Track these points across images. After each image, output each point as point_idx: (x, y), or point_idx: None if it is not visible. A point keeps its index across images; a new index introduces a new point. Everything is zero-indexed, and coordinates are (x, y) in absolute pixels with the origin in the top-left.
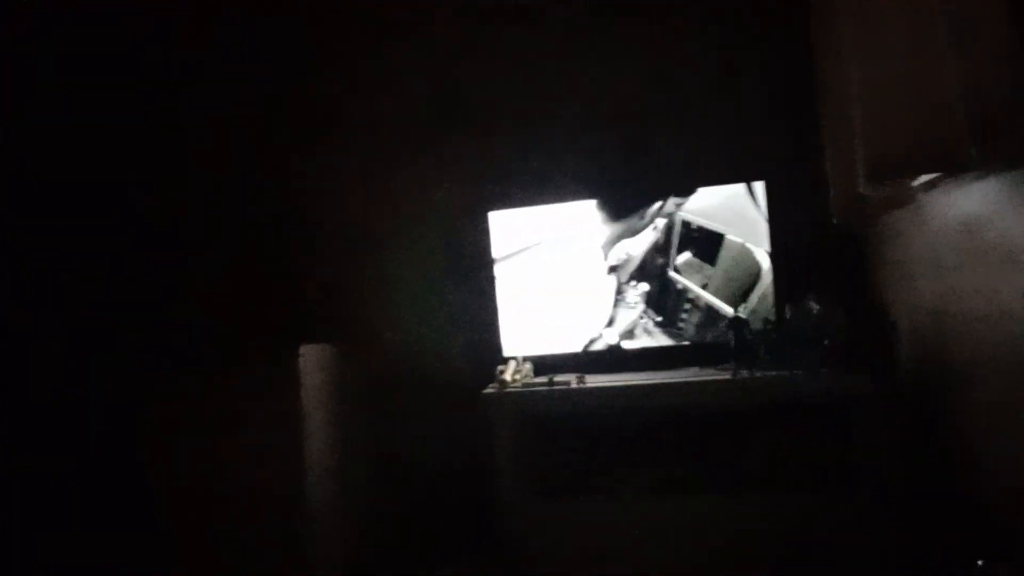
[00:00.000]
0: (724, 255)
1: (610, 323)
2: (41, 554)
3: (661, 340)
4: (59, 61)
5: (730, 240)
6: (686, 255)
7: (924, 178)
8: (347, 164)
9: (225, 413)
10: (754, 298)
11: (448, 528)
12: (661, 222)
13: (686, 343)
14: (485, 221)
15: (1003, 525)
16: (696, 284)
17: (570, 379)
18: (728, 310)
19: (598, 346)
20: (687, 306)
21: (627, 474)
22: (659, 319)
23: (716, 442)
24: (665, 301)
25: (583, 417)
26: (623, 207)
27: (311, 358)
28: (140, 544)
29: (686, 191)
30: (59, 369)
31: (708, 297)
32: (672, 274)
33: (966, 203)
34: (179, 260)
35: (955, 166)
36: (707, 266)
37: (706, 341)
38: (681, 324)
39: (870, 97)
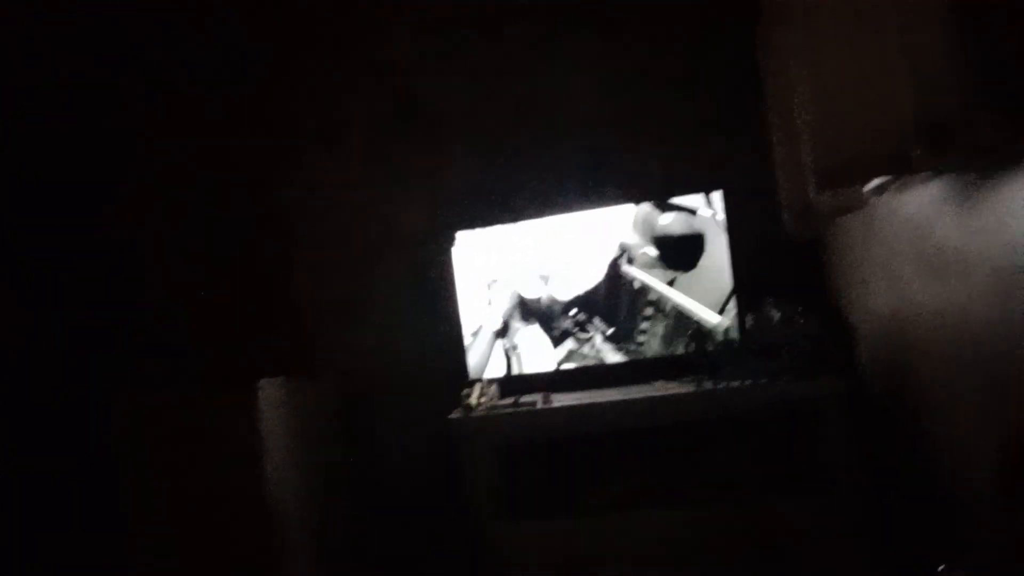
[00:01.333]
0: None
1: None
2: None
3: (612, 357)
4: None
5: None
6: (649, 248)
7: (874, 183)
8: (311, 185)
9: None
10: (730, 307)
11: (421, 549)
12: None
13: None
14: (449, 242)
15: (961, 526)
16: (660, 282)
17: (536, 399)
18: (711, 317)
19: (551, 367)
20: (648, 312)
21: (597, 490)
22: (610, 332)
23: (685, 454)
24: (617, 306)
25: (550, 436)
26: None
27: (271, 391)
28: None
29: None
30: (25, 378)
31: (678, 299)
32: (627, 268)
33: (915, 206)
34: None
35: (903, 168)
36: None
37: (671, 355)
38: (641, 338)
39: (816, 103)
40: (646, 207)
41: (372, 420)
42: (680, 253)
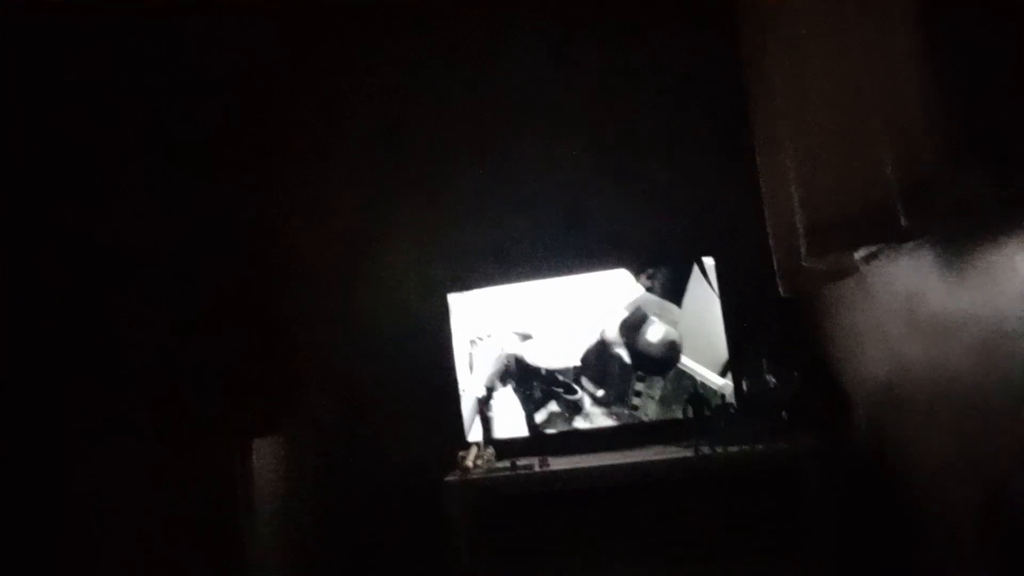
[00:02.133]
0: (692, 295)
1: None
2: None
3: (601, 421)
4: None
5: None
6: (640, 292)
7: (862, 252)
8: (299, 240)
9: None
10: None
11: None
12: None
13: (646, 420)
14: (443, 303)
15: None
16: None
17: (533, 462)
18: (715, 380)
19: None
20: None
21: (594, 552)
22: (599, 394)
23: (678, 514)
24: (608, 368)
25: (547, 499)
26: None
27: (263, 451)
28: None
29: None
30: None
31: (688, 364)
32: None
33: (906, 274)
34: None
35: (891, 236)
36: (671, 306)
37: (666, 419)
38: (636, 400)
39: (802, 168)
40: (638, 298)
41: (355, 474)
42: (654, 367)
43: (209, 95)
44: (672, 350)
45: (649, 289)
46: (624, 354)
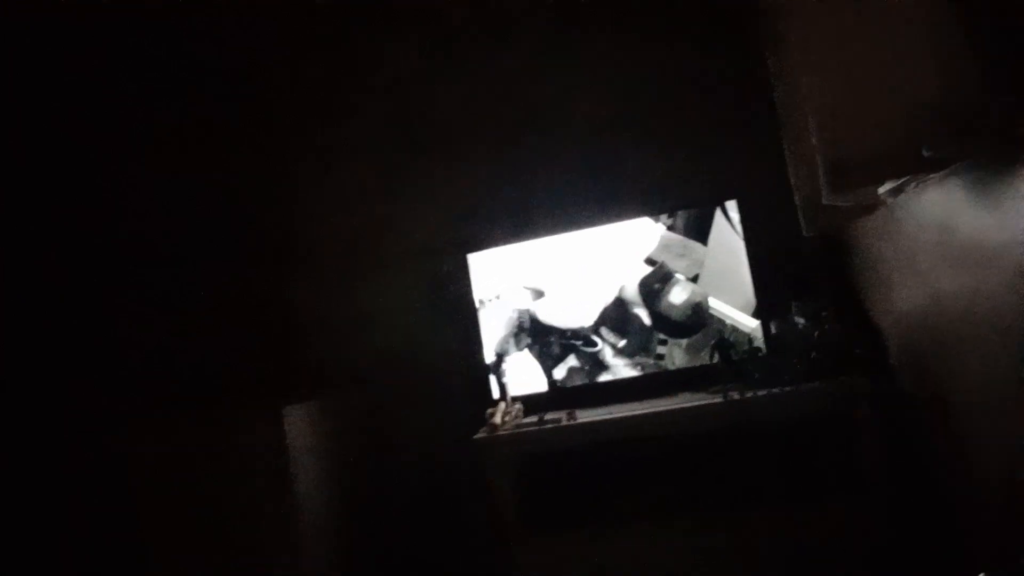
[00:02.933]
0: (716, 238)
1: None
2: None
3: (625, 372)
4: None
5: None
6: (662, 231)
7: (887, 185)
8: (321, 199)
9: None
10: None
11: (443, 564)
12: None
13: (671, 369)
14: (465, 262)
15: (995, 530)
16: (681, 272)
17: (560, 416)
18: (748, 322)
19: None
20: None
21: (623, 503)
22: (621, 344)
23: (712, 464)
24: (627, 322)
25: (576, 453)
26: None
27: (297, 414)
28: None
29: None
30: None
31: (718, 307)
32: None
33: (935, 204)
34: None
35: (918, 167)
36: (695, 245)
37: (693, 366)
38: (661, 349)
39: (823, 100)
40: (660, 240)
41: (392, 435)
42: (677, 331)
43: (223, 85)
44: (697, 313)
45: (670, 228)
46: (644, 315)
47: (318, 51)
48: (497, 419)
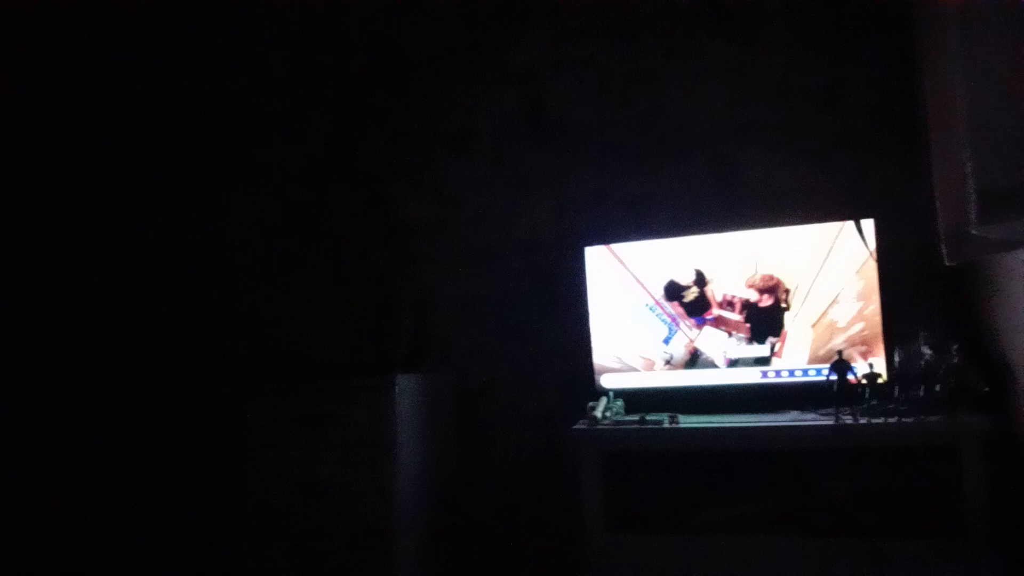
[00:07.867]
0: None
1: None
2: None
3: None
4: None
5: None
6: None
7: None
8: (438, 188)
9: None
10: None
11: (530, 551)
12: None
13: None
14: (580, 255)
15: None
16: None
17: (662, 418)
18: None
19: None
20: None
21: (710, 511)
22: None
23: (809, 485)
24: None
25: (671, 457)
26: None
27: (405, 386)
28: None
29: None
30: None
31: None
32: None
33: None
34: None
35: None
36: None
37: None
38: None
39: (982, 123)
40: None
41: (486, 419)
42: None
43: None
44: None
45: None
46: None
47: (446, 44)
48: (598, 412)
